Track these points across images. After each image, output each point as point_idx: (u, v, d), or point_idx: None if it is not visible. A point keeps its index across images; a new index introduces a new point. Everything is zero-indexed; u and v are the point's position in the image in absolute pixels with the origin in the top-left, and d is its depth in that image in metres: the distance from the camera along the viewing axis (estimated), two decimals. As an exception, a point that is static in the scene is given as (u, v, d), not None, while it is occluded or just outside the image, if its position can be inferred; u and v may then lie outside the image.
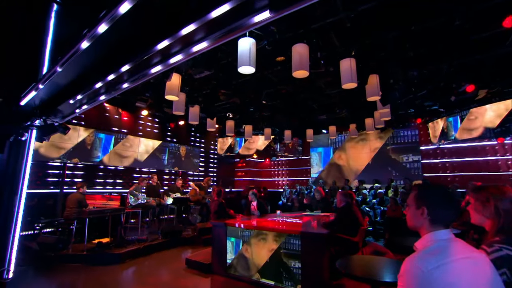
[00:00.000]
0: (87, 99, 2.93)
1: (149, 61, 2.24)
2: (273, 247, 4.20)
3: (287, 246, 4.08)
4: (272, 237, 4.22)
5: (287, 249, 4.07)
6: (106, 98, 2.91)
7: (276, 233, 4.18)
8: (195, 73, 4.07)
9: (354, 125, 7.86)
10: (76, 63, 2.32)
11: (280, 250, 4.12)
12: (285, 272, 4.07)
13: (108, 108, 8.38)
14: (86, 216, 5.53)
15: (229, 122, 6.89)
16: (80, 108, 3.21)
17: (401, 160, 10.98)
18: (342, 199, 4.36)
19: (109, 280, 4.53)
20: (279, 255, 4.13)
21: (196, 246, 6.71)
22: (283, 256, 4.10)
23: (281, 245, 4.12)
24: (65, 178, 7.43)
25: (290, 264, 4.03)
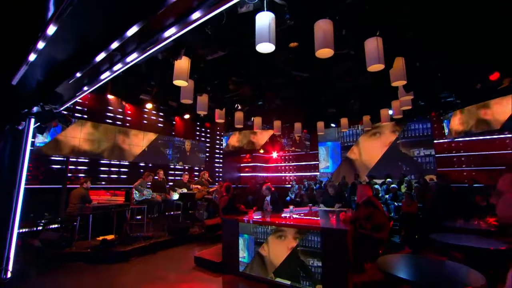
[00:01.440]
0: (88, 78, 2.63)
1: (161, 21, 1.88)
2: (290, 244, 3.91)
3: (305, 244, 3.79)
4: (288, 233, 3.93)
5: (304, 247, 3.78)
6: (110, 75, 2.59)
7: (294, 230, 3.88)
8: (208, 53, 3.76)
9: (368, 117, 7.50)
10: (74, 31, 2.00)
11: (297, 247, 3.83)
12: (302, 271, 3.78)
13: (112, 101, 8.10)
14: (90, 212, 5.27)
15: (238, 113, 6.59)
16: (81, 90, 2.92)
17: (412, 155, 10.61)
18: (363, 192, 4.05)
19: (114, 280, 4.28)
20: (296, 253, 3.84)
21: (203, 243, 6.45)
22: (300, 254, 3.81)
23: (298, 242, 3.83)
24: (68, 173, 7.19)
25: (308, 263, 3.74)
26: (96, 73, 2.55)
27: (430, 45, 3.88)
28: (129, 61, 2.34)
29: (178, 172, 10.31)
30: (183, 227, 6.74)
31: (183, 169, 10.35)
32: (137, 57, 2.29)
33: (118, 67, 2.44)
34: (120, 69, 2.48)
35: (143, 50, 2.20)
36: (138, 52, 2.23)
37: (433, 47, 3.93)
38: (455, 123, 8.48)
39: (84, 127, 7.55)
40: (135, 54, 2.24)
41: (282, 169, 13.64)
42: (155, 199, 6.80)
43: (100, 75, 2.59)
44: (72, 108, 7.42)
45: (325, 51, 2.91)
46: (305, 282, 3.72)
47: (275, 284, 3.92)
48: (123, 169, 8.57)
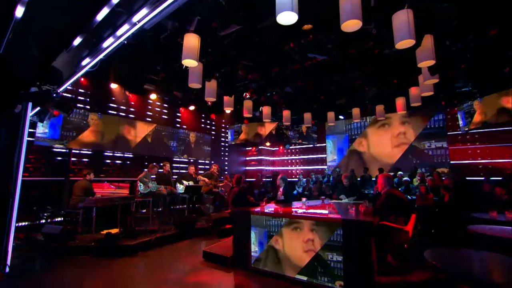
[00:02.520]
0: (88, 49, 2.34)
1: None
2: (306, 237, 3.65)
3: (323, 237, 3.53)
4: (304, 226, 3.67)
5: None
6: (113, 43, 2.29)
7: (311, 222, 3.62)
8: (221, 28, 3.46)
9: (382, 107, 7.17)
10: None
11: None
12: (320, 266, 3.52)
13: (115, 91, 7.83)
14: (94, 205, 5.05)
15: (246, 102, 6.30)
16: (80, 64, 2.63)
17: (423, 147, 10.29)
18: (385, 183, 3.78)
19: (120, 275, 4.06)
20: (313, 247, 3.58)
21: (210, 237, 6.23)
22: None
23: (315, 235, 3.57)
24: (70, 166, 6.98)
25: (327, 257, 3.48)
26: (97, 40, 2.26)
27: (460, 19, 3.54)
28: (136, 21, 2.04)
29: (183, 165, 10.08)
30: (189, 221, 6.51)
31: (188, 162, 10.12)
32: (146, 15, 1.99)
33: (123, 30, 2.11)
34: (125, 33, 2.17)
35: (153, 5, 1.90)
36: (148, 8, 1.92)
37: (463, 23, 3.59)
38: (472, 114, 8.12)
39: (87, 118, 7.31)
40: (144, 9, 1.92)
41: (289, 163, 13.37)
42: (161, 191, 6.57)
43: (102, 42, 2.29)
44: (74, 98, 7.18)
45: (352, 23, 2.61)
46: (323, 278, 3.47)
47: (290, 279, 3.67)
48: (127, 161, 8.35)
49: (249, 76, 5.33)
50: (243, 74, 5.26)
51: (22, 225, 6.04)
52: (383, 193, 3.70)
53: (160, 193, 6.54)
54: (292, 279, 3.66)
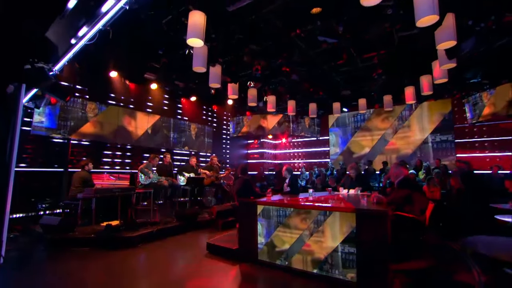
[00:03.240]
0: (85, 15, 2.12)
1: None
2: (316, 228, 3.48)
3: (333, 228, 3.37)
4: (315, 217, 3.50)
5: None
6: (114, 6, 2.07)
7: (322, 213, 3.45)
8: (230, 2, 3.23)
9: (390, 97, 6.95)
10: None
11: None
12: (330, 258, 3.36)
13: (114, 80, 7.59)
14: (93, 196, 4.87)
15: (251, 90, 6.08)
16: (77, 35, 2.41)
17: (427, 140, 10.12)
18: (399, 172, 3.60)
19: (122, 267, 3.90)
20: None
21: (213, 230, 6.08)
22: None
23: (326, 226, 3.41)
24: (69, 156, 6.78)
25: (338, 249, 3.32)
26: (95, 2, 2.04)
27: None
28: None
29: (184, 157, 9.89)
30: (191, 213, 6.35)
31: (188, 154, 9.93)
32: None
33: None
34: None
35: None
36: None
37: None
38: (480, 106, 7.92)
39: (85, 107, 7.09)
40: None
41: (291, 156, 13.20)
42: (162, 183, 6.39)
43: (100, 6, 2.07)
44: (72, 87, 6.95)
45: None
46: (334, 270, 3.31)
47: (299, 272, 3.52)
48: (128, 152, 8.16)
49: (255, 62, 5.11)
50: (249, 60, 5.04)
51: (20, 216, 5.87)
52: (397, 182, 3.53)
53: (161, 185, 6.36)
54: (302, 272, 3.51)
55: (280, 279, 3.45)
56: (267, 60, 5.26)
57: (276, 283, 3.38)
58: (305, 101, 8.12)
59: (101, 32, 2.91)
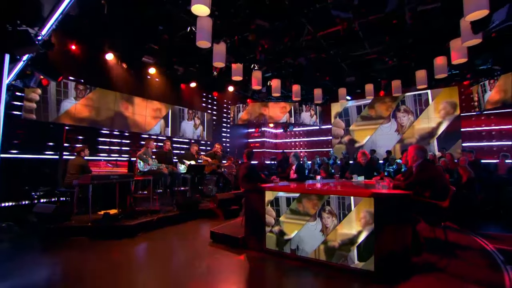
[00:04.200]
0: None
1: None
2: (329, 215, 3.27)
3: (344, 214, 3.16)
4: (327, 203, 3.29)
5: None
6: None
7: (336, 198, 3.23)
8: None
9: (399, 82, 6.67)
10: None
11: (339, 220, 3.21)
12: (344, 246, 3.16)
13: (110, 63, 7.21)
14: (89, 182, 4.60)
15: (255, 73, 5.78)
16: None
17: (432, 129, 9.90)
18: (418, 154, 3.39)
19: (121, 257, 3.69)
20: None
21: (215, 219, 5.89)
22: (338, 227, 3.19)
23: (339, 212, 3.20)
24: (64, 142, 6.47)
25: (352, 237, 3.11)
26: None
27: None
28: None
29: (183, 145, 9.62)
30: (193, 202, 6.14)
31: (188, 142, 9.65)
32: None
33: None
34: None
35: None
36: None
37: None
38: (490, 93, 7.69)
39: (79, 91, 6.75)
40: None
41: (293, 145, 12.98)
42: (162, 171, 6.13)
43: None
44: (64, 68, 6.57)
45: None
46: (349, 259, 3.11)
47: (308, 261, 3.33)
48: (125, 139, 7.86)
49: (261, 41, 4.80)
50: (255, 38, 4.73)
51: (12, 205, 5.60)
52: (416, 166, 3.30)
53: (161, 172, 6.09)
54: (313, 261, 3.31)
55: (290, 269, 3.25)
56: (273, 40, 4.94)
57: (286, 273, 3.18)
58: (309, 87, 7.83)
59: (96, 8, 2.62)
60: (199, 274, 3.09)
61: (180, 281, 2.91)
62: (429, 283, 2.69)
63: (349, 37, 6.21)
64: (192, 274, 3.09)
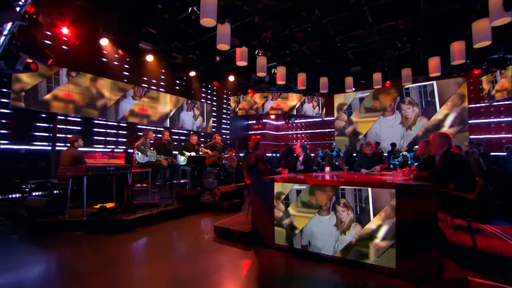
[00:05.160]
0: None
1: None
2: (344, 208, 3.02)
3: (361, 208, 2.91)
4: (342, 195, 3.03)
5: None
6: None
7: (352, 191, 2.97)
8: None
9: (409, 70, 6.37)
10: None
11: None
12: (362, 241, 2.92)
13: (105, 49, 6.81)
14: (84, 174, 4.29)
15: (260, 59, 5.45)
16: None
17: (438, 120, 9.66)
18: (443, 142, 3.13)
19: (119, 253, 3.42)
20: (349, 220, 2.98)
21: (217, 212, 5.63)
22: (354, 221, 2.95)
23: (355, 206, 2.95)
24: (57, 133, 6.13)
25: (368, 231, 2.87)
26: None
27: None
28: None
29: (182, 137, 9.30)
30: (194, 195, 5.86)
31: (187, 133, 9.32)
32: None
33: None
34: None
35: None
36: None
37: None
38: (500, 84, 7.43)
39: (73, 79, 6.38)
40: None
41: (294, 137, 12.71)
42: (161, 162, 5.82)
43: None
44: (58, 52, 6.18)
45: None
46: (367, 255, 2.87)
47: (322, 257, 3.09)
48: (122, 130, 7.53)
49: (268, 24, 4.47)
50: (261, 21, 4.40)
51: (2, 198, 5.30)
52: (441, 155, 3.04)
53: (160, 164, 5.79)
54: (327, 257, 3.07)
55: (302, 266, 3.01)
56: (280, 24, 4.62)
57: (298, 270, 2.94)
58: (313, 76, 7.52)
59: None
60: (204, 272, 2.83)
61: (183, 280, 2.65)
62: (458, 284, 2.46)
63: (357, 22, 5.91)
64: (196, 272, 2.83)
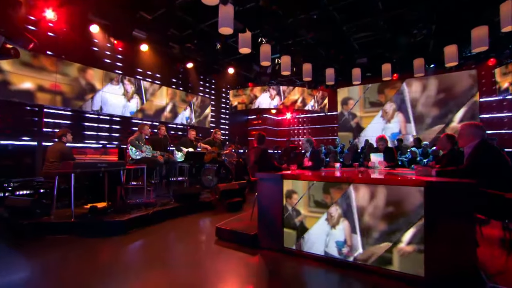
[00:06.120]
0: None
1: None
2: (364, 208, 2.67)
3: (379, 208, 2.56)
4: (360, 194, 2.68)
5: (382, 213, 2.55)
6: None
7: (371, 189, 2.61)
8: None
9: (421, 60, 5.99)
10: None
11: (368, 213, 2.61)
12: (382, 245, 2.57)
13: (96, 36, 6.33)
14: (71, 171, 3.89)
15: (264, 47, 5.05)
16: None
17: (446, 115, 9.30)
18: (475, 133, 2.78)
19: (111, 258, 3.04)
20: (369, 221, 2.63)
21: (218, 212, 5.27)
22: (376, 223, 2.60)
23: (376, 205, 2.60)
24: (43, 128, 5.69)
25: (391, 235, 2.52)
26: None
27: None
28: None
29: (179, 132, 8.89)
30: (192, 193, 5.48)
31: (184, 128, 8.91)
32: None
33: None
34: None
35: None
36: None
37: None
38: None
39: (60, 68, 5.92)
40: None
41: (296, 133, 12.34)
42: (157, 158, 5.43)
43: None
44: (43, 38, 5.73)
45: None
46: (385, 261, 2.53)
47: (339, 263, 2.74)
48: (115, 125, 7.09)
49: (273, 8, 4.08)
50: (266, 4, 4.00)
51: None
52: (475, 147, 2.68)
53: (156, 160, 5.40)
54: (345, 263, 2.72)
55: (316, 273, 2.66)
56: (285, 9, 4.23)
57: (311, 278, 2.59)
58: (317, 68, 7.13)
59: None
60: (207, 281, 2.46)
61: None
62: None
63: (367, 9, 5.55)
64: (198, 281, 2.46)
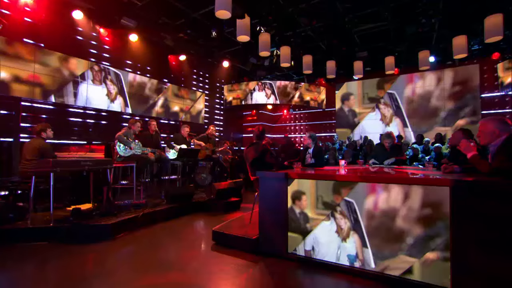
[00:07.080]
0: None
1: None
2: (379, 211, 2.37)
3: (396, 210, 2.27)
4: (373, 195, 2.38)
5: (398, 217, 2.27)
6: None
7: (386, 189, 2.31)
8: None
9: (427, 53, 5.73)
10: None
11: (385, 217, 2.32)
12: (402, 253, 2.29)
13: (80, 23, 5.83)
14: (50, 170, 3.47)
15: (263, 35, 4.70)
16: None
17: (447, 111, 9.12)
18: (501, 128, 2.50)
19: (94, 268, 2.67)
20: (385, 225, 2.34)
21: (213, 213, 4.95)
22: (392, 227, 2.31)
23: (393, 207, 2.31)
24: (20, 122, 5.21)
25: (412, 241, 2.24)
26: None
27: None
28: None
29: (171, 128, 8.46)
30: (186, 193, 5.13)
31: (176, 124, 8.49)
32: None
33: None
34: None
35: None
36: None
37: None
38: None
39: (39, 57, 5.44)
40: None
41: (292, 130, 12.05)
42: (147, 156, 5.04)
43: None
44: (18, 24, 5.22)
45: None
46: (406, 270, 2.24)
47: (352, 271, 2.45)
48: (102, 120, 6.63)
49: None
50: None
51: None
52: (503, 142, 2.41)
53: (147, 158, 5.00)
54: (359, 271, 2.43)
55: (326, 282, 2.36)
56: None
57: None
58: (317, 61, 6.83)
59: None
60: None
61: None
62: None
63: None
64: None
